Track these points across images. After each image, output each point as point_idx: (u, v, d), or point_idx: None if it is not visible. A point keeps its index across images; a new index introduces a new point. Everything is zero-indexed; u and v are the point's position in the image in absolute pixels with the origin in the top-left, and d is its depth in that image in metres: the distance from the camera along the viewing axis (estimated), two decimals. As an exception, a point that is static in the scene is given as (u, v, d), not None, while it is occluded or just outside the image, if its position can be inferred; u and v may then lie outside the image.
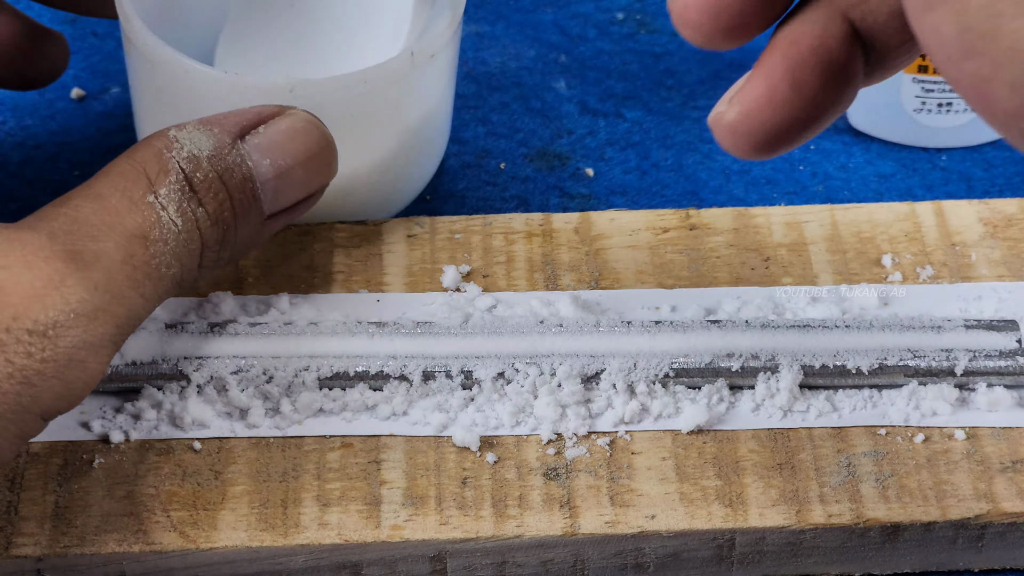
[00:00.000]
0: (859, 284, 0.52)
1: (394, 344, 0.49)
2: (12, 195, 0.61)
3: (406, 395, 0.49)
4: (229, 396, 0.48)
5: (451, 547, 0.46)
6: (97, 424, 0.48)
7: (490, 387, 0.49)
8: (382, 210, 0.57)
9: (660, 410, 0.48)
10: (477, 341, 0.50)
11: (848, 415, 0.49)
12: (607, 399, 0.49)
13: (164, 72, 0.52)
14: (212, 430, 0.48)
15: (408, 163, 0.57)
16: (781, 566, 0.47)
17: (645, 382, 0.49)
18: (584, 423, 0.48)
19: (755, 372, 0.49)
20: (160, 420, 0.48)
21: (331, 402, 0.49)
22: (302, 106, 0.50)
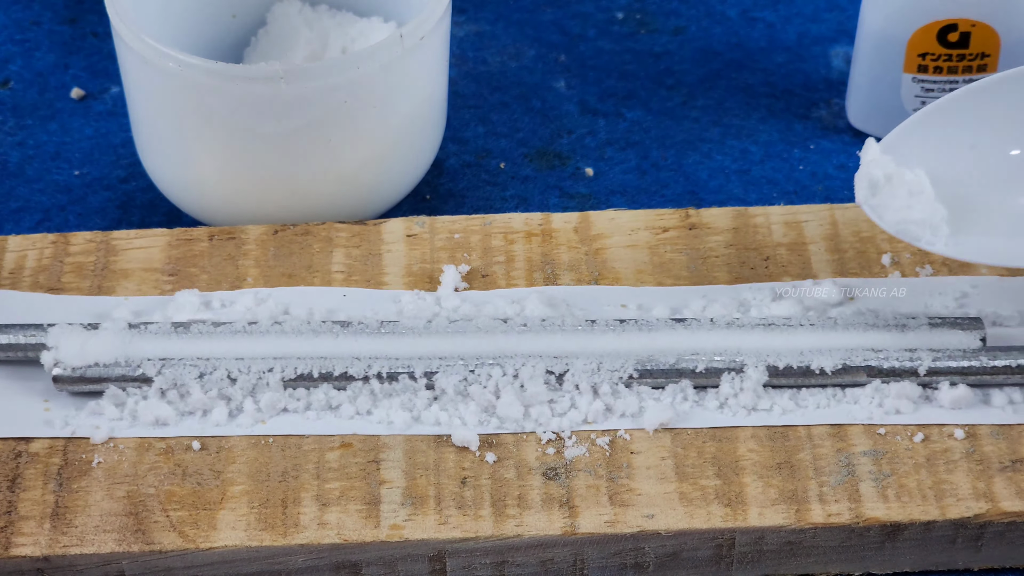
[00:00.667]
0: (824, 281, 0.53)
1: (359, 344, 0.49)
2: (12, 195, 0.61)
3: (371, 395, 0.49)
4: (192, 398, 0.48)
5: (450, 547, 0.46)
6: (59, 421, 0.48)
7: (453, 388, 0.49)
8: (379, 201, 0.58)
9: (624, 409, 0.49)
10: (441, 341, 0.50)
11: (812, 413, 0.49)
12: (571, 399, 0.49)
13: (156, 67, 0.52)
14: (172, 429, 0.48)
15: (404, 151, 0.57)
16: (780, 565, 0.47)
17: (609, 383, 0.49)
18: (548, 422, 0.48)
19: (720, 372, 0.49)
20: (123, 419, 0.48)
21: (295, 401, 0.49)
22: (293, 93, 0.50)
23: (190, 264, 0.53)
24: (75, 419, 0.48)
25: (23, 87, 0.66)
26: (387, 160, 0.56)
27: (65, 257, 0.54)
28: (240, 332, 0.50)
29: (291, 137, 0.54)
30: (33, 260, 0.53)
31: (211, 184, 0.56)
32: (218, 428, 0.48)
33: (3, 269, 0.53)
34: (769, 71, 0.66)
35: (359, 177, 0.56)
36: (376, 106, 0.54)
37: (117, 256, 0.54)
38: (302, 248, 0.54)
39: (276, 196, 0.56)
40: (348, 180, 0.56)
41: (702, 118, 0.64)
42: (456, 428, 0.48)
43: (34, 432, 0.48)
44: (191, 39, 0.60)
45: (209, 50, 0.61)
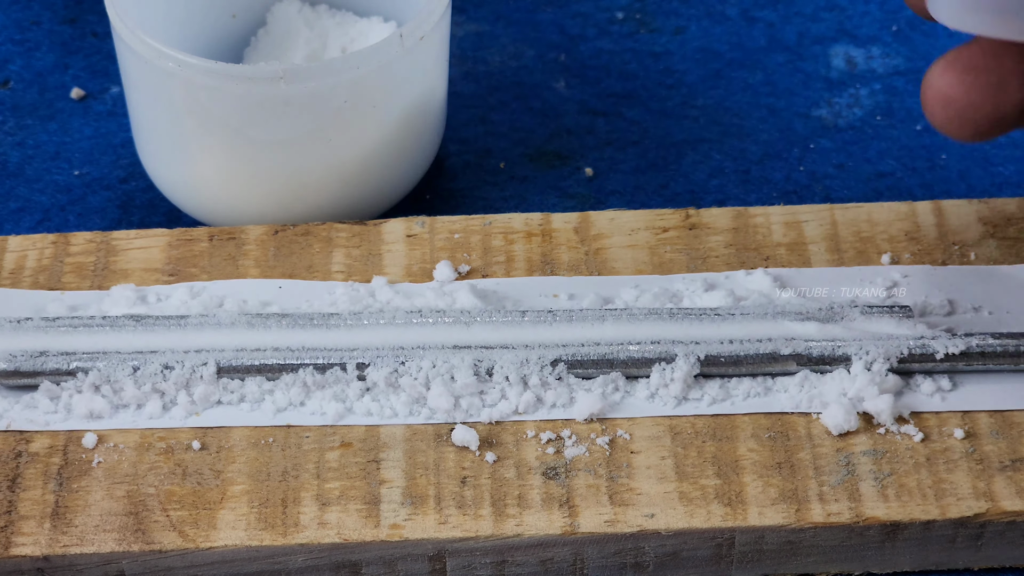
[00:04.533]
0: (755, 270, 0.53)
1: (291, 336, 0.50)
2: (12, 195, 0.61)
3: (303, 386, 0.49)
4: (126, 392, 0.49)
5: (450, 546, 0.46)
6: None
7: (384, 379, 0.49)
8: (379, 201, 0.58)
9: (554, 400, 0.49)
10: (372, 333, 0.50)
11: (741, 403, 0.49)
12: (501, 391, 0.49)
13: (156, 67, 0.52)
14: (107, 422, 0.48)
15: (404, 151, 0.57)
16: (780, 565, 0.47)
17: (538, 374, 0.49)
18: (478, 414, 0.49)
19: (650, 362, 0.49)
20: (57, 412, 0.49)
21: (229, 394, 0.49)
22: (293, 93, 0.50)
23: (190, 264, 0.53)
24: (10, 412, 0.49)
25: (23, 87, 0.66)
26: (387, 160, 0.56)
27: (65, 257, 0.54)
28: (174, 326, 0.50)
29: (291, 137, 0.54)
30: (33, 260, 0.53)
31: (211, 184, 0.56)
32: (151, 421, 0.48)
33: (3, 269, 0.53)
34: (769, 71, 0.66)
35: (359, 177, 0.56)
36: (376, 106, 0.54)
37: (117, 256, 0.54)
38: (302, 248, 0.54)
39: (276, 196, 0.56)
40: (348, 180, 0.56)
41: (702, 118, 0.64)
42: (387, 419, 0.49)
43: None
44: (191, 39, 0.60)
45: (209, 50, 0.61)
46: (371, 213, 0.58)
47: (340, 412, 0.49)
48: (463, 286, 0.52)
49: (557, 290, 0.53)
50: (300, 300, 0.52)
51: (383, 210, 0.58)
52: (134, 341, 0.50)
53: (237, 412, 0.49)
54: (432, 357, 0.49)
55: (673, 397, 0.49)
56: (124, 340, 0.50)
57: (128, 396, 0.49)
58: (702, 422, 0.49)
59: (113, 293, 0.52)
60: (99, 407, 0.49)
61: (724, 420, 0.49)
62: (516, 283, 0.53)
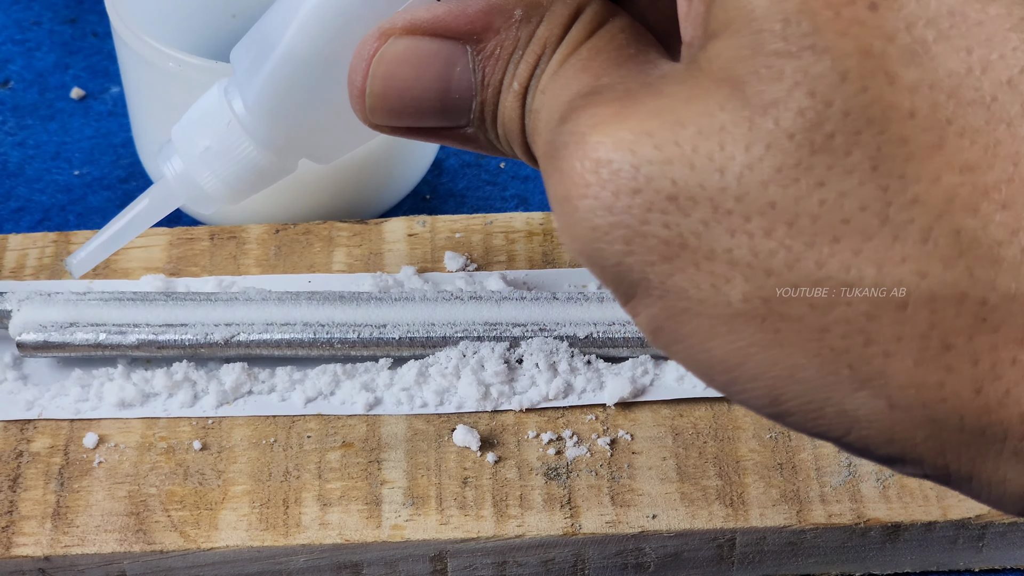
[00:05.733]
0: None
1: (321, 312, 0.50)
2: (12, 195, 0.61)
3: (333, 376, 0.49)
4: (156, 382, 0.49)
5: (452, 547, 0.46)
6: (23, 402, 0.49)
7: (416, 368, 0.49)
8: (380, 201, 0.57)
9: (584, 386, 0.49)
10: (402, 310, 0.50)
11: None
12: (531, 378, 0.49)
13: (156, 67, 0.52)
14: (139, 410, 0.49)
15: (404, 151, 0.57)
16: (782, 566, 0.47)
17: (568, 360, 0.49)
18: (508, 402, 0.49)
19: None
20: (87, 400, 0.49)
21: (259, 383, 0.49)
22: None
23: (191, 263, 0.53)
24: (40, 400, 0.49)
25: (23, 87, 0.66)
26: (387, 160, 0.56)
27: (66, 256, 0.54)
28: (204, 301, 0.50)
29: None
30: (34, 259, 0.53)
31: (211, 184, 0.56)
32: (183, 410, 0.49)
33: (4, 268, 0.53)
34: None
35: (359, 177, 0.56)
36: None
37: (118, 255, 0.54)
38: (303, 247, 0.54)
39: (277, 196, 0.56)
40: (349, 180, 0.56)
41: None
42: (418, 408, 0.49)
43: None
44: (191, 39, 0.60)
45: (209, 50, 0.61)
46: (371, 213, 0.58)
47: (370, 402, 0.49)
48: (493, 275, 0.52)
49: (585, 280, 0.53)
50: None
51: (384, 210, 0.58)
52: (164, 315, 0.50)
53: (267, 401, 0.49)
54: (463, 346, 0.49)
55: None
56: (154, 314, 0.50)
57: (159, 385, 0.49)
58: (704, 422, 0.49)
59: (142, 282, 0.52)
60: (130, 396, 0.49)
61: (725, 420, 0.49)
62: (545, 274, 0.53)
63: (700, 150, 0.28)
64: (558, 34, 0.32)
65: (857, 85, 0.27)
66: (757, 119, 0.27)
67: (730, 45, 0.28)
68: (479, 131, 0.34)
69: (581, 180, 0.29)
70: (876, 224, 0.27)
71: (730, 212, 0.27)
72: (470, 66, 0.33)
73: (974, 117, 0.27)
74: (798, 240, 0.27)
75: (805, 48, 0.27)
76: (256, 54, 0.37)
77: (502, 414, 0.49)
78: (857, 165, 0.27)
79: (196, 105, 0.41)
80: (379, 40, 0.33)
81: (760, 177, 0.27)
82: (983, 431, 0.27)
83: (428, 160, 0.59)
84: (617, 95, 0.29)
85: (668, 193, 0.28)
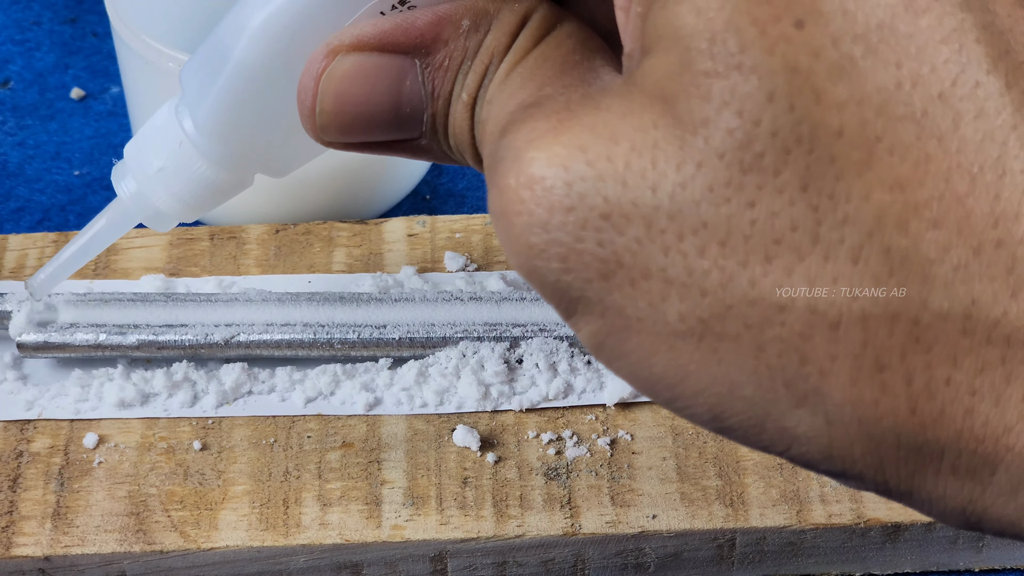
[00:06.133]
0: None
1: (321, 313, 0.50)
2: (12, 195, 0.61)
3: (333, 376, 0.49)
4: (156, 382, 0.49)
5: (452, 547, 0.46)
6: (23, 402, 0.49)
7: (416, 368, 0.49)
8: (380, 201, 0.57)
9: (584, 386, 0.49)
10: (402, 310, 0.50)
11: None
12: (531, 378, 0.49)
13: (156, 67, 0.52)
14: (139, 410, 0.49)
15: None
16: (782, 566, 0.47)
17: (568, 361, 0.49)
18: (508, 402, 0.49)
19: None
20: (87, 401, 0.49)
21: (259, 384, 0.49)
22: None
23: (191, 263, 0.53)
24: (40, 401, 0.49)
25: (23, 87, 0.66)
26: (387, 160, 0.56)
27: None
28: (204, 302, 0.50)
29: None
30: (34, 259, 0.53)
31: (211, 184, 0.56)
32: (183, 410, 0.49)
33: (4, 268, 0.53)
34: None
35: (359, 177, 0.56)
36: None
37: (118, 255, 0.54)
38: (303, 247, 0.54)
39: (277, 196, 0.56)
40: (348, 180, 0.56)
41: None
42: (418, 409, 0.49)
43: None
44: (191, 39, 0.60)
45: (209, 50, 0.61)
46: (371, 213, 0.58)
47: (370, 402, 0.49)
48: (493, 275, 0.52)
49: None
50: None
51: (383, 210, 0.58)
52: (164, 315, 0.50)
53: (267, 401, 0.49)
54: (463, 347, 0.49)
55: None
56: (154, 314, 0.50)
57: (159, 385, 0.49)
58: (703, 423, 0.49)
59: (142, 282, 0.52)
60: (130, 396, 0.49)
61: (725, 421, 0.49)
62: None
63: (632, 167, 0.27)
64: (505, 43, 0.32)
65: (784, 104, 0.26)
66: (688, 138, 0.27)
67: (661, 62, 0.28)
68: (432, 142, 0.33)
69: (516, 196, 0.29)
70: (808, 243, 0.27)
71: (663, 231, 0.27)
72: (419, 79, 0.32)
73: (904, 133, 0.26)
74: (731, 259, 0.27)
75: (732, 67, 0.27)
76: (205, 74, 0.37)
77: (502, 414, 0.49)
78: (787, 184, 0.27)
79: (148, 124, 0.41)
80: (327, 57, 0.33)
81: (692, 196, 0.27)
82: (920, 449, 0.27)
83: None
84: (556, 108, 0.29)
85: (601, 211, 0.28)
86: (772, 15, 0.26)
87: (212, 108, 0.37)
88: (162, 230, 0.43)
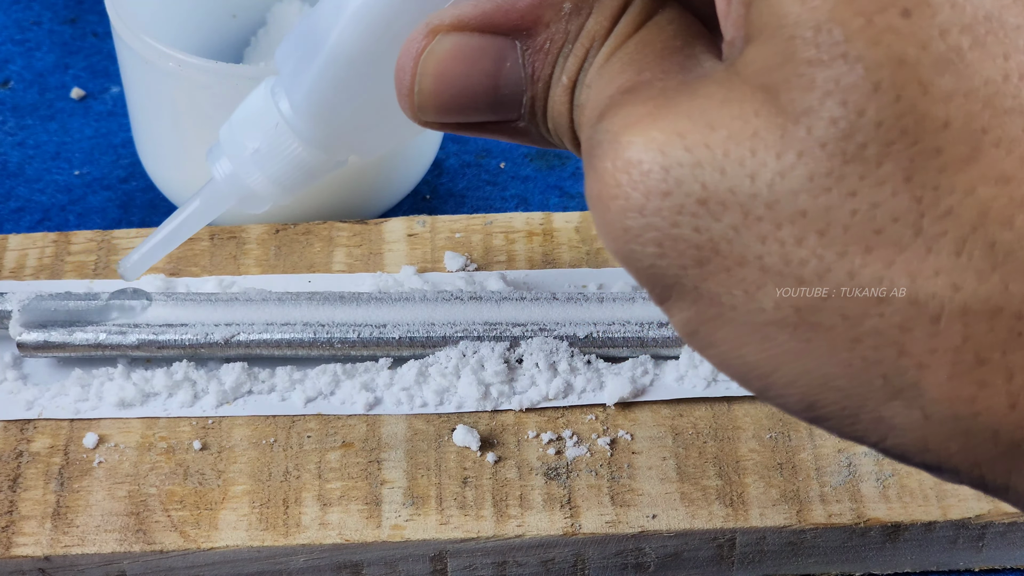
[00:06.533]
0: None
1: (321, 312, 0.50)
2: (12, 195, 0.61)
3: (333, 376, 0.49)
4: (156, 381, 0.49)
5: (452, 547, 0.46)
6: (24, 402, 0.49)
7: (416, 368, 0.49)
8: (380, 201, 0.57)
9: (584, 386, 0.49)
10: (402, 310, 0.50)
11: None
12: (531, 378, 0.49)
13: (156, 67, 0.52)
14: (138, 410, 0.49)
15: (404, 151, 0.57)
16: (782, 566, 0.47)
17: (568, 360, 0.49)
18: (508, 402, 0.49)
19: (681, 341, 0.49)
20: (87, 400, 0.49)
21: (259, 383, 0.49)
22: None
23: (191, 263, 0.53)
24: (40, 400, 0.49)
25: (23, 87, 0.66)
26: (387, 160, 0.56)
27: (66, 256, 0.54)
28: (205, 301, 0.50)
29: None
30: (34, 259, 0.53)
31: (211, 184, 0.56)
32: (183, 410, 0.49)
33: (4, 268, 0.53)
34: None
35: (359, 177, 0.56)
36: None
37: (118, 255, 0.54)
38: (303, 247, 0.54)
39: (277, 196, 0.56)
40: (348, 180, 0.56)
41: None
42: (418, 408, 0.49)
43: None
44: (191, 39, 0.60)
45: (209, 50, 0.61)
46: (371, 213, 0.58)
47: (370, 402, 0.49)
48: (493, 275, 0.52)
49: (585, 281, 0.53)
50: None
51: (383, 210, 0.58)
52: (165, 315, 0.50)
53: (267, 401, 0.49)
54: (462, 346, 0.49)
55: (703, 378, 0.49)
56: (155, 314, 0.50)
57: (159, 384, 0.49)
58: (704, 422, 0.49)
59: (142, 282, 0.52)
60: (130, 395, 0.49)
61: (725, 420, 0.49)
62: (545, 274, 0.53)
63: (731, 155, 0.27)
64: (606, 27, 0.31)
65: (890, 95, 0.26)
66: (790, 127, 0.27)
67: (764, 50, 0.27)
68: (530, 125, 0.33)
69: (612, 180, 0.29)
70: (909, 235, 0.27)
71: (760, 219, 0.27)
72: (520, 61, 0.32)
73: (1011, 126, 0.26)
74: (830, 250, 0.27)
75: (837, 57, 0.26)
76: (302, 54, 0.37)
77: (502, 414, 0.49)
78: (890, 176, 0.26)
79: (243, 105, 0.41)
80: (427, 37, 0.32)
81: (791, 185, 0.27)
82: (1018, 445, 0.27)
83: (428, 160, 0.59)
84: (653, 93, 0.29)
85: (698, 197, 0.28)
86: (878, 4, 0.26)
87: (309, 89, 0.37)
88: (255, 211, 0.43)
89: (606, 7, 0.32)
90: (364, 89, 0.36)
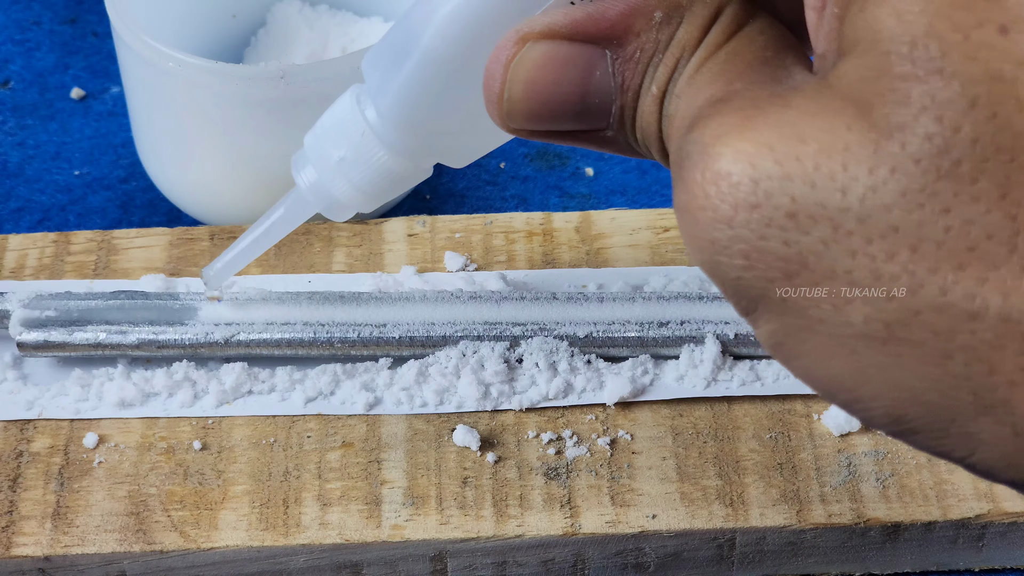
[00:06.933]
0: None
1: (321, 312, 0.50)
2: (12, 195, 0.61)
3: (333, 376, 0.49)
4: (156, 381, 0.49)
5: (452, 547, 0.46)
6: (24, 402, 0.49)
7: (416, 367, 0.49)
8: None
9: (584, 385, 0.49)
10: (402, 309, 0.50)
11: (771, 384, 0.49)
12: (531, 377, 0.49)
13: (156, 67, 0.52)
14: (138, 410, 0.49)
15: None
16: (782, 566, 0.47)
17: (568, 360, 0.49)
18: (508, 401, 0.49)
19: (681, 341, 0.49)
20: (87, 400, 0.49)
21: (259, 383, 0.49)
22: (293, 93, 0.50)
23: (191, 263, 0.53)
24: (40, 400, 0.49)
25: (23, 87, 0.66)
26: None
27: (66, 256, 0.54)
28: (206, 302, 0.50)
29: (291, 137, 0.54)
30: (34, 259, 0.53)
31: (211, 184, 0.56)
32: (183, 410, 0.49)
33: (4, 268, 0.53)
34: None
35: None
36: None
37: (118, 255, 0.54)
38: (303, 247, 0.54)
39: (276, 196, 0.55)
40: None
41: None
42: (418, 408, 0.49)
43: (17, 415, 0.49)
44: (191, 39, 0.60)
45: (209, 50, 0.61)
46: (371, 213, 0.57)
47: (370, 402, 0.49)
48: (492, 275, 0.52)
49: (585, 281, 0.53)
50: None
51: (383, 210, 0.58)
52: (164, 315, 0.50)
53: (267, 401, 0.49)
54: (462, 346, 0.49)
55: (703, 379, 0.49)
56: (154, 314, 0.50)
57: (159, 384, 0.49)
58: (704, 422, 0.49)
59: (142, 282, 0.52)
60: (130, 395, 0.49)
61: (725, 420, 0.49)
62: (545, 274, 0.53)
63: (822, 168, 0.27)
64: (697, 37, 0.31)
65: (986, 112, 0.26)
66: (883, 142, 0.27)
67: (858, 65, 0.27)
68: (618, 134, 0.33)
69: (701, 192, 0.28)
70: (1003, 253, 0.26)
71: (851, 233, 0.27)
72: (609, 70, 0.32)
73: None
74: (921, 266, 0.27)
75: (933, 72, 0.26)
76: (389, 62, 0.37)
77: (502, 414, 0.49)
78: (984, 193, 0.26)
79: (328, 113, 0.41)
80: (517, 45, 0.32)
81: (883, 200, 0.27)
82: None
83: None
84: (743, 104, 0.29)
85: (787, 210, 0.28)
86: (975, 20, 0.26)
87: (397, 97, 0.37)
88: (340, 220, 0.43)
89: (697, 17, 0.31)
90: (452, 96, 0.36)
